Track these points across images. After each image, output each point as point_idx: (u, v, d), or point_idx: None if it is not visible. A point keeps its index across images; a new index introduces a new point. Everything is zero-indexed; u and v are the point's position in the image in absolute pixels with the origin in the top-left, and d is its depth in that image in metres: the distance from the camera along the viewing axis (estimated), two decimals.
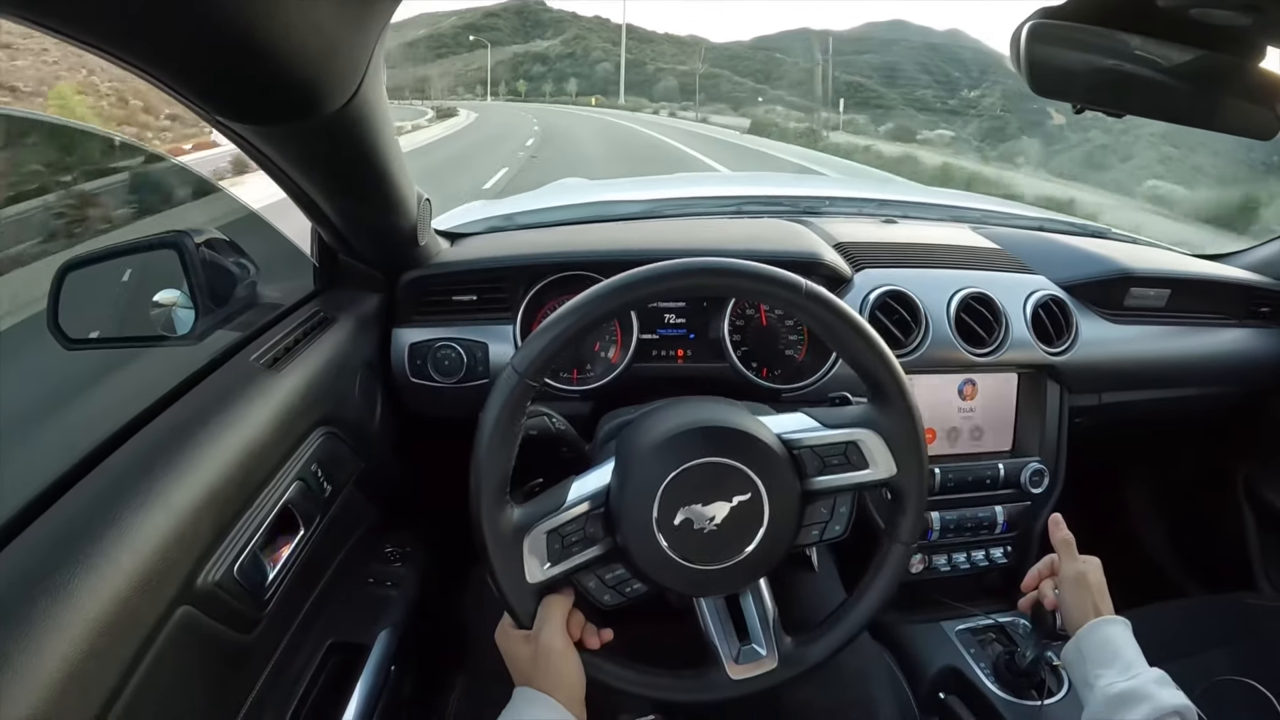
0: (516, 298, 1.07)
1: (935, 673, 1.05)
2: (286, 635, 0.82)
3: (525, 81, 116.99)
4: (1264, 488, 1.42)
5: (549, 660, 0.66)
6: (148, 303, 0.89)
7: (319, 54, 0.56)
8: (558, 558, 0.67)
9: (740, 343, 1.09)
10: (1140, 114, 0.94)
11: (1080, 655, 0.75)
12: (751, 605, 0.72)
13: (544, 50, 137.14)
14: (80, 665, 0.48)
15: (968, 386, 1.18)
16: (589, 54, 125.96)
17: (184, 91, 0.57)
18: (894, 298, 1.12)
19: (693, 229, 1.28)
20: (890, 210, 1.47)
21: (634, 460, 0.68)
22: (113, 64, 0.52)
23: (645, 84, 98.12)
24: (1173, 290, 1.28)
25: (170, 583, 0.58)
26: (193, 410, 0.70)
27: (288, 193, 0.84)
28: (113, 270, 0.91)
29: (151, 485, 0.59)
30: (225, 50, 0.51)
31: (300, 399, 0.81)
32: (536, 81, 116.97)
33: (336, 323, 0.96)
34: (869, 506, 1.10)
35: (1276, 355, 1.36)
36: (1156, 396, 1.30)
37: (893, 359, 0.70)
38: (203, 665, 0.64)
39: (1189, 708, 0.67)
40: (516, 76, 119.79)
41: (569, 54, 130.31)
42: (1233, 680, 1.03)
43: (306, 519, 0.80)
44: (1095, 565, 0.81)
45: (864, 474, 0.71)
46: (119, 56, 0.50)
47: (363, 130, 0.70)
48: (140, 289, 0.91)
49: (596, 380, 1.07)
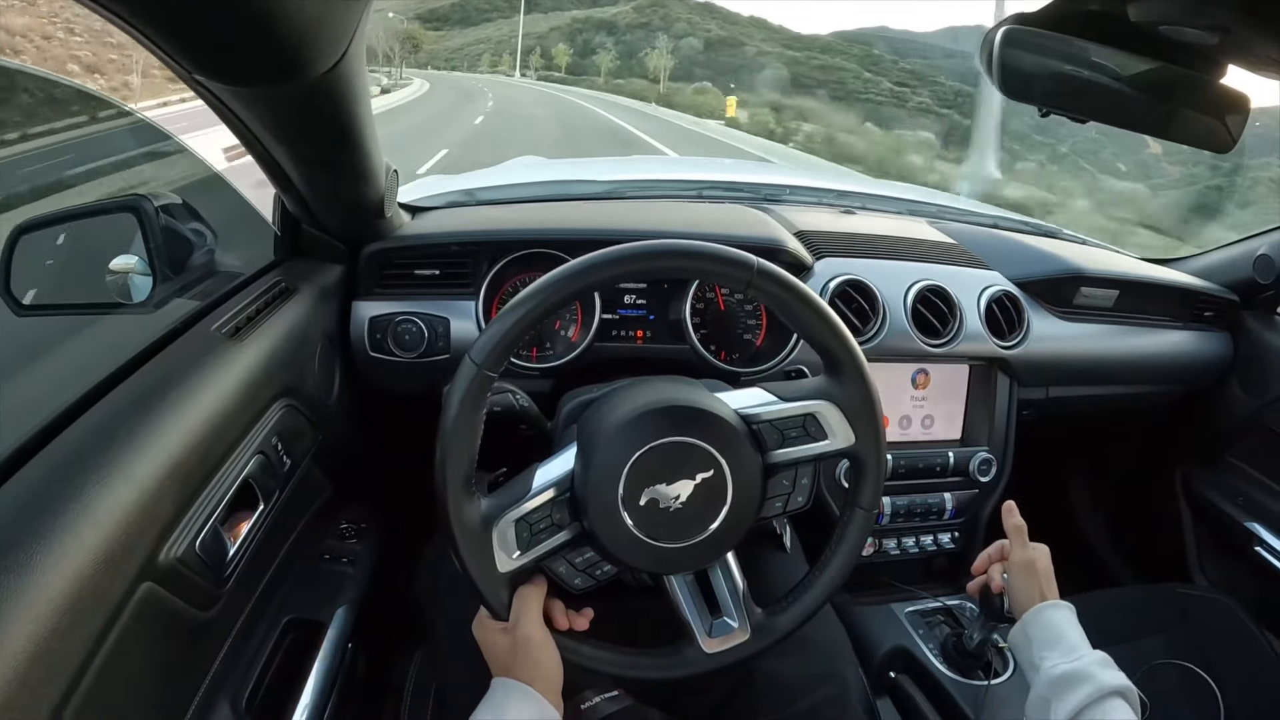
0: (480, 273, 1.07)
1: (885, 652, 1.08)
2: (245, 612, 0.81)
3: (572, 55, 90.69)
4: (1200, 485, 1.48)
5: (528, 651, 0.66)
6: (103, 268, 0.88)
7: (309, 17, 0.55)
8: (527, 545, 0.67)
9: (700, 325, 1.10)
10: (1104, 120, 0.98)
11: (1026, 638, 0.78)
12: (721, 579, 0.73)
13: (610, 17, 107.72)
14: (45, 644, 0.47)
15: (921, 376, 1.21)
16: (670, 25, 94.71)
17: (167, 47, 0.56)
18: (853, 287, 1.14)
19: (656, 211, 1.28)
20: (849, 201, 1.49)
21: (597, 444, 0.68)
22: (98, 14, 0.50)
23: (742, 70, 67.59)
24: (1121, 291, 1.33)
25: (134, 558, 0.57)
26: (154, 380, 0.68)
27: (256, 158, 0.82)
28: (68, 234, 0.89)
29: (114, 457, 0.57)
30: (217, 8, 0.50)
31: (262, 370, 0.80)
32: (593, 56, 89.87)
33: (298, 293, 0.95)
34: (822, 490, 1.13)
35: (1217, 358, 1.42)
36: (1102, 392, 1.35)
37: (845, 331, 0.71)
38: (164, 643, 0.63)
39: (1129, 688, 0.70)
40: (573, 48, 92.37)
41: (642, 23, 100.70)
42: (1170, 664, 1.07)
43: (266, 494, 0.79)
44: (1044, 553, 0.84)
45: (823, 445, 0.72)
46: (106, 6, 0.49)
47: (342, 97, 0.69)
48: (96, 254, 0.89)
49: (557, 359, 1.07)
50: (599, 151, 13.21)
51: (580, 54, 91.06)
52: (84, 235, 0.89)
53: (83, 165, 1.44)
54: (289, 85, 0.63)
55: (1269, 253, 1.35)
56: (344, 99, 0.70)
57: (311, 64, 0.60)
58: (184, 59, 0.58)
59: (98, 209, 0.91)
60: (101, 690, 0.53)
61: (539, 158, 2.01)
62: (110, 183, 1.48)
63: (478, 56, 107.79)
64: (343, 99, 0.70)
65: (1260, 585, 1.34)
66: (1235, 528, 1.38)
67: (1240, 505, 1.40)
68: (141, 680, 0.60)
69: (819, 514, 0.76)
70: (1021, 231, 1.48)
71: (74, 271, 0.92)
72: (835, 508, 1.13)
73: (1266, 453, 1.39)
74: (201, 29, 0.53)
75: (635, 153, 12.99)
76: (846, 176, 4.62)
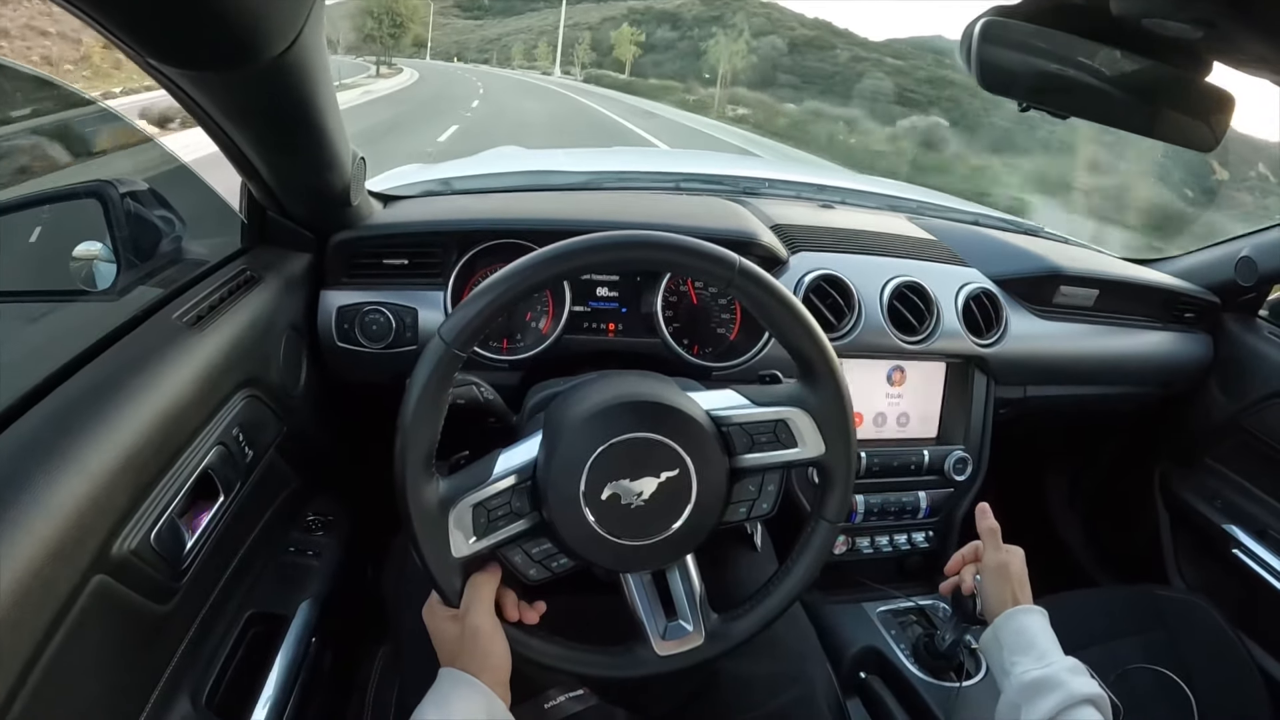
0: (448, 263, 1.05)
1: (856, 652, 1.07)
2: (205, 606, 0.79)
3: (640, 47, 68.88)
4: (1178, 486, 1.48)
5: (476, 641, 0.65)
6: (66, 255, 0.86)
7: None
8: (484, 531, 0.66)
9: (672, 319, 1.08)
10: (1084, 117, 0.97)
11: (997, 642, 0.77)
12: (679, 581, 0.72)
13: (674, 9, 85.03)
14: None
15: (896, 373, 1.20)
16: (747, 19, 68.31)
17: (119, 32, 0.55)
18: (828, 282, 1.13)
19: (631, 202, 1.27)
20: (828, 195, 1.48)
21: (562, 433, 0.67)
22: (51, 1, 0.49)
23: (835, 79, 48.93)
24: (1101, 291, 1.32)
25: (85, 550, 0.56)
26: (111, 369, 0.67)
27: (219, 145, 0.81)
28: (30, 220, 0.88)
29: (67, 447, 0.56)
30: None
31: (223, 360, 0.78)
32: (650, 55, 69.26)
33: (263, 282, 0.93)
34: (794, 488, 1.12)
35: (1197, 360, 1.42)
36: (1080, 392, 1.34)
37: (824, 339, 0.70)
38: (119, 636, 0.62)
39: (1101, 696, 0.69)
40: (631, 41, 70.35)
41: (713, 17, 75.45)
42: (1144, 668, 1.07)
43: (226, 485, 0.77)
44: (1018, 555, 0.83)
45: (792, 452, 0.71)
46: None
47: (300, 81, 0.68)
48: (59, 241, 0.87)
49: (526, 351, 1.05)
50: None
51: (646, 47, 69.80)
52: (48, 221, 0.88)
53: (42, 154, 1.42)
54: (243, 69, 0.61)
55: (1251, 255, 1.35)
56: (301, 83, 0.68)
57: (264, 47, 0.59)
58: (136, 44, 0.56)
59: (62, 194, 0.90)
60: (51, 683, 0.52)
61: (518, 147, 1.99)
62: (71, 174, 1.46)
63: (508, 49, 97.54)
64: (300, 83, 0.68)
65: (1237, 588, 1.33)
66: (1213, 530, 1.38)
67: (1218, 508, 1.40)
68: (95, 673, 0.59)
69: (792, 515, 0.76)
70: (1002, 229, 1.47)
71: (37, 258, 0.91)
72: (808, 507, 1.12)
73: (1245, 455, 1.39)
74: (150, 12, 0.52)
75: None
76: (827, 170, 4.60)
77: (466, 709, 0.62)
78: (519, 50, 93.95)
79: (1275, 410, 1.32)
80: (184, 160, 1.14)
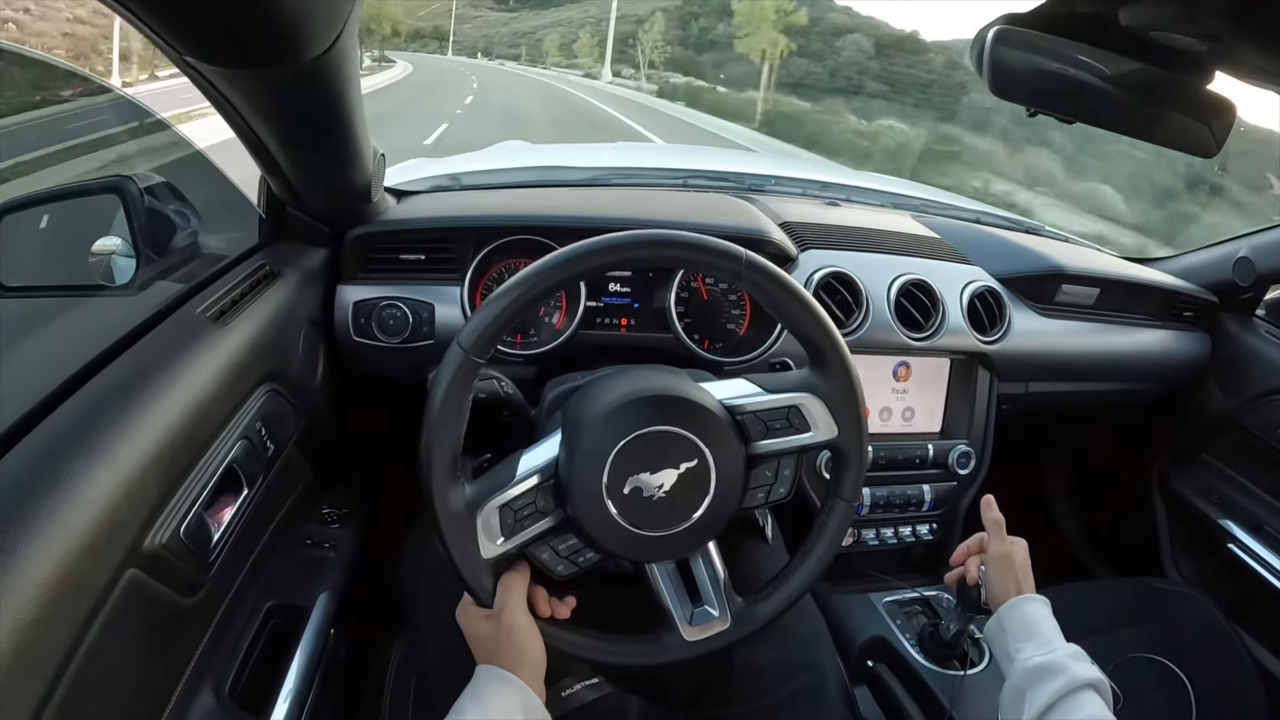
0: (465, 259, 1.07)
1: (864, 641, 1.09)
2: (227, 598, 0.81)
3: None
4: (1176, 482, 1.50)
5: (512, 638, 0.67)
6: (86, 250, 0.87)
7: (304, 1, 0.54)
8: (511, 532, 0.67)
9: (684, 314, 1.10)
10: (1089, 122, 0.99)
11: (1002, 630, 0.79)
12: (702, 568, 0.74)
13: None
14: (30, 632, 0.46)
15: (902, 369, 1.22)
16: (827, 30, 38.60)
17: (160, 29, 0.55)
18: (837, 279, 1.15)
19: (642, 200, 1.29)
20: (833, 193, 1.50)
21: (582, 431, 0.68)
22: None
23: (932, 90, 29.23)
24: (1102, 289, 1.34)
25: (118, 545, 0.57)
26: (139, 364, 0.68)
27: (243, 140, 0.82)
28: (51, 215, 0.89)
29: (98, 442, 0.57)
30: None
31: (246, 355, 0.80)
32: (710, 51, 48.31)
33: (282, 277, 0.94)
34: (803, 481, 1.13)
35: (1195, 357, 1.44)
36: (1080, 389, 1.36)
37: (831, 325, 0.72)
38: (149, 630, 0.63)
39: (1102, 680, 0.71)
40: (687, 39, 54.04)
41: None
42: (1142, 657, 1.09)
43: (250, 478, 0.79)
44: (1021, 546, 0.85)
45: (806, 437, 0.73)
46: None
47: (335, 80, 0.69)
48: (79, 235, 0.88)
49: (541, 346, 1.07)
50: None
51: (696, 48, 51.87)
52: (68, 216, 0.89)
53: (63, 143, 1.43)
54: (281, 69, 0.62)
55: (1249, 255, 1.37)
56: (335, 83, 0.70)
57: (305, 47, 0.60)
58: (176, 41, 0.57)
59: (81, 189, 0.91)
60: (86, 678, 0.53)
61: (524, 142, 2.00)
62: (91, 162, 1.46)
63: (539, 44, 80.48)
64: (334, 83, 0.70)
65: (1233, 582, 1.36)
66: (1209, 525, 1.40)
67: (1215, 503, 1.42)
68: (127, 666, 0.60)
69: (800, 505, 0.77)
70: (1004, 228, 1.49)
71: (58, 253, 0.92)
72: (816, 499, 1.13)
73: (1241, 452, 1.41)
74: (195, 11, 0.53)
75: None
76: (829, 167, 4.56)
77: (504, 705, 0.63)
78: (553, 44, 78.18)
79: (1272, 407, 1.34)
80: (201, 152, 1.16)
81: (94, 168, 1.52)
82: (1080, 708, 0.68)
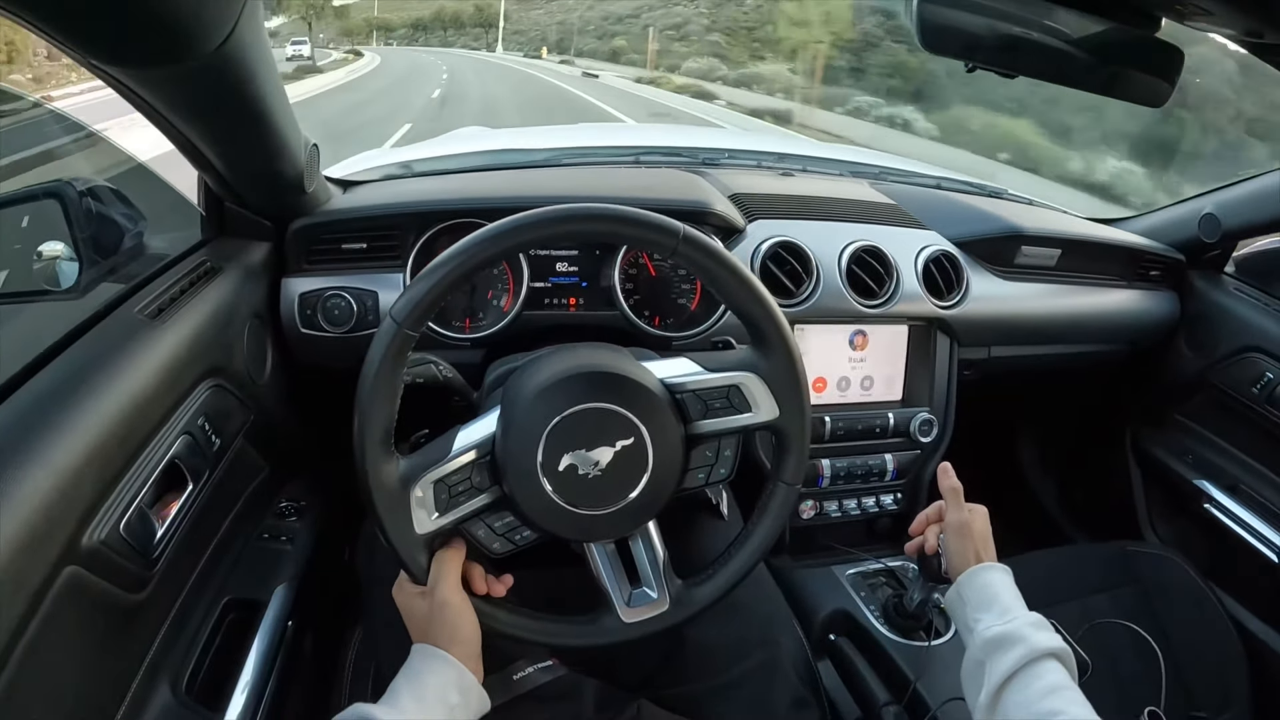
0: (406, 245, 1.06)
1: (826, 615, 1.08)
2: (181, 594, 0.81)
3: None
4: (1149, 444, 1.49)
5: (444, 615, 0.66)
6: (30, 256, 0.87)
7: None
8: (445, 508, 0.67)
9: (633, 291, 1.09)
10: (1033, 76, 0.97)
11: (961, 600, 0.78)
12: (642, 549, 0.73)
13: None
14: None
15: (859, 337, 1.21)
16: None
17: (56, 34, 0.56)
18: (785, 248, 1.14)
19: (587, 177, 1.28)
20: (789, 164, 1.48)
21: (517, 407, 0.68)
22: None
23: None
24: (1063, 250, 1.33)
25: (54, 543, 0.58)
26: (74, 365, 0.68)
27: (171, 139, 0.82)
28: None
29: (31, 445, 0.58)
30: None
31: (185, 351, 0.80)
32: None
33: (223, 272, 0.94)
34: (759, 453, 1.13)
35: (1163, 317, 1.43)
36: (1045, 352, 1.35)
37: (772, 303, 0.71)
38: (93, 626, 0.64)
39: (1064, 649, 0.70)
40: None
41: None
42: (1113, 623, 1.08)
43: (195, 474, 0.79)
44: (981, 514, 0.84)
45: (746, 417, 0.72)
46: None
47: (241, 72, 0.69)
48: (23, 241, 0.88)
49: (488, 328, 1.06)
50: None
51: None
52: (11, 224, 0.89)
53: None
54: (182, 64, 0.62)
55: (1214, 212, 1.35)
56: (243, 74, 0.69)
57: (200, 41, 0.60)
58: (74, 44, 0.58)
59: (21, 197, 0.91)
60: (28, 672, 0.53)
61: (481, 128, 1.99)
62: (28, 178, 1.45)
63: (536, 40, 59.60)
64: (242, 74, 0.69)
65: (1209, 542, 1.35)
66: (1185, 486, 1.39)
67: (1189, 463, 1.41)
68: (73, 662, 0.61)
69: (759, 481, 0.77)
70: (964, 192, 1.48)
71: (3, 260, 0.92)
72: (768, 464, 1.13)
73: (1214, 411, 1.40)
74: (84, 14, 0.53)
75: None
76: (788, 139, 4.45)
77: (438, 682, 0.63)
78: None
79: (1243, 365, 1.32)
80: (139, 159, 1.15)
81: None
82: (1040, 677, 0.67)
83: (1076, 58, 0.92)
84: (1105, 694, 0.73)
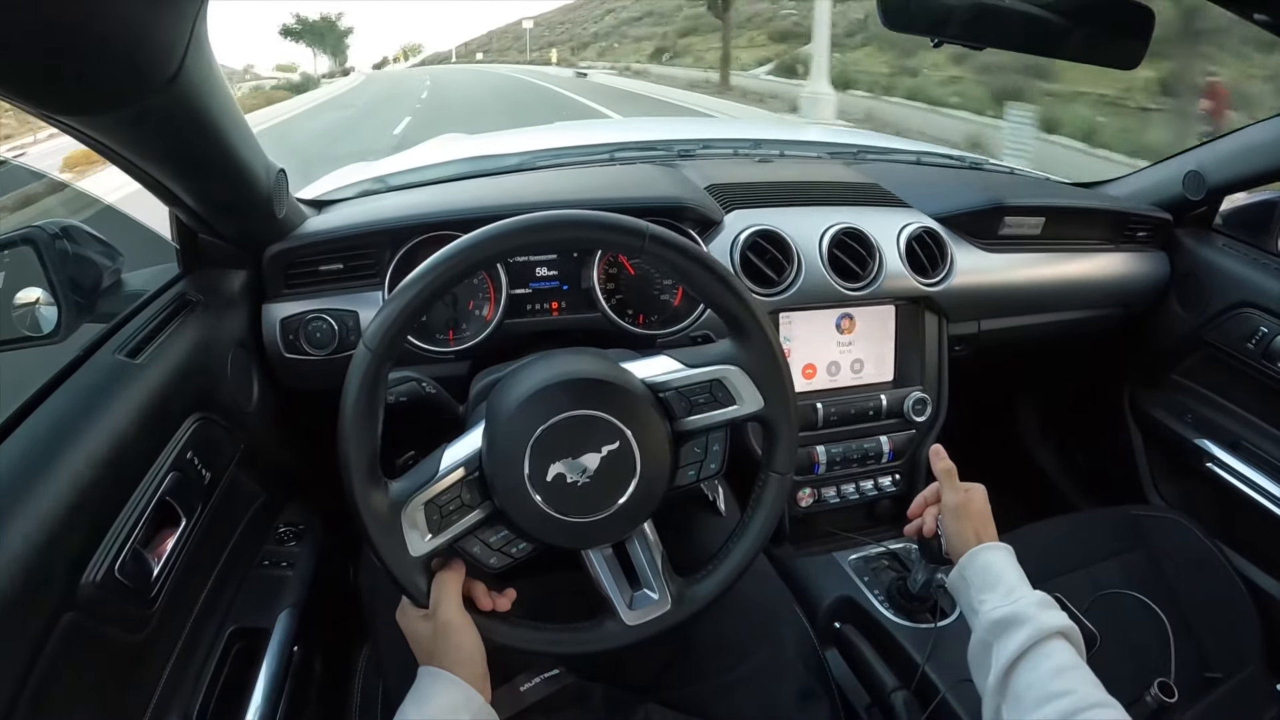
0: (383, 263, 1.05)
1: (830, 603, 1.07)
2: (185, 628, 0.81)
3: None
4: (1148, 405, 1.48)
5: (448, 636, 0.66)
6: (8, 305, 0.87)
7: (128, 37, 0.53)
8: (438, 528, 0.67)
9: (615, 291, 1.09)
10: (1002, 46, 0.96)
11: (964, 581, 0.77)
12: (639, 550, 0.73)
13: None
14: None
15: (845, 321, 1.20)
16: None
17: (2, 89, 0.55)
18: (764, 237, 1.13)
19: (560, 180, 1.27)
20: (766, 149, 1.47)
21: (500, 421, 0.68)
22: None
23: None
24: (1047, 218, 1.32)
25: (51, 590, 0.58)
26: (55, 413, 0.68)
27: (135, 178, 0.80)
28: None
29: (18, 498, 0.58)
30: (28, 44, 0.49)
31: (167, 387, 0.79)
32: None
33: (202, 304, 0.94)
34: (751, 444, 1.12)
35: (1154, 278, 1.42)
36: (1036, 321, 1.34)
37: (746, 293, 0.70)
38: (98, 669, 0.63)
39: (1071, 628, 0.69)
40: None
41: None
42: (1120, 593, 1.07)
43: (188, 509, 0.78)
44: (979, 492, 0.83)
45: (731, 410, 0.72)
46: None
47: (195, 105, 0.68)
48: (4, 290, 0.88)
49: (472, 339, 1.05)
50: None
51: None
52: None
53: None
54: (133, 106, 0.62)
55: (1198, 169, 1.34)
56: (196, 108, 0.69)
57: (148, 79, 0.59)
58: (19, 96, 0.56)
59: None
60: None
61: (457, 134, 1.98)
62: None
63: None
64: (196, 108, 0.68)
65: (1215, 501, 1.34)
66: (1186, 446, 1.38)
67: (1189, 423, 1.40)
68: (79, 709, 0.61)
69: (753, 472, 0.76)
70: (944, 166, 1.46)
71: None
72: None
73: (1210, 369, 1.39)
74: (26, 68, 0.52)
75: None
76: (765, 123, 4.35)
77: (445, 704, 0.63)
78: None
79: (1237, 321, 1.31)
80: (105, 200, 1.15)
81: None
82: (1049, 657, 0.66)
83: (1047, 22, 0.90)
84: (1115, 666, 0.73)
